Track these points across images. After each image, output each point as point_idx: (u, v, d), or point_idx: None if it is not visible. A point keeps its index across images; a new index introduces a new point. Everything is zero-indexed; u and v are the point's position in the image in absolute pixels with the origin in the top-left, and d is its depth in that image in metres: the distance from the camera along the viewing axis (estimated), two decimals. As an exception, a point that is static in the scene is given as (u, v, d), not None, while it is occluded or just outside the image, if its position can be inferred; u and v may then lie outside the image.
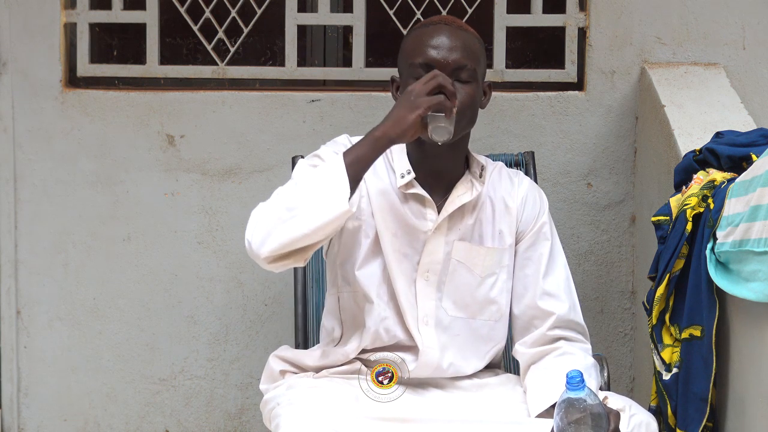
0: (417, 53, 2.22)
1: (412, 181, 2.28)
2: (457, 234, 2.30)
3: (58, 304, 3.35)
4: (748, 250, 2.07)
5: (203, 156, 3.31)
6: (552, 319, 2.29)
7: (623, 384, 3.33)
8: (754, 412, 2.16)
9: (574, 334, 2.30)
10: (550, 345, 2.29)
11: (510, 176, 2.40)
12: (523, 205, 2.36)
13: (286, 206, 2.07)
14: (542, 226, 2.36)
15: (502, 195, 2.35)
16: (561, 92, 3.29)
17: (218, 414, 3.39)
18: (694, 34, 3.26)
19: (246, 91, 3.32)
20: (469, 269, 2.30)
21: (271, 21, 3.40)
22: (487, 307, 2.32)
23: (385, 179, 2.30)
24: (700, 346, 2.29)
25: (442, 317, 2.29)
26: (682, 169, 2.53)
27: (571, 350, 2.26)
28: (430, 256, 2.28)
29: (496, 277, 2.32)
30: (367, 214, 2.28)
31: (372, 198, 2.29)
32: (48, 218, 3.33)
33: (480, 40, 2.31)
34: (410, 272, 2.28)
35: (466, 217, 2.31)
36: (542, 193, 2.42)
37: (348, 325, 2.33)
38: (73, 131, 3.31)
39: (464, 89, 2.22)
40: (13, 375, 3.37)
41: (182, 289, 3.34)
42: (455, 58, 2.21)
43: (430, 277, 2.28)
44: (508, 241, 2.34)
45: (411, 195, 2.29)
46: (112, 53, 3.58)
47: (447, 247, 2.29)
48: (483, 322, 2.32)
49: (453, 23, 2.27)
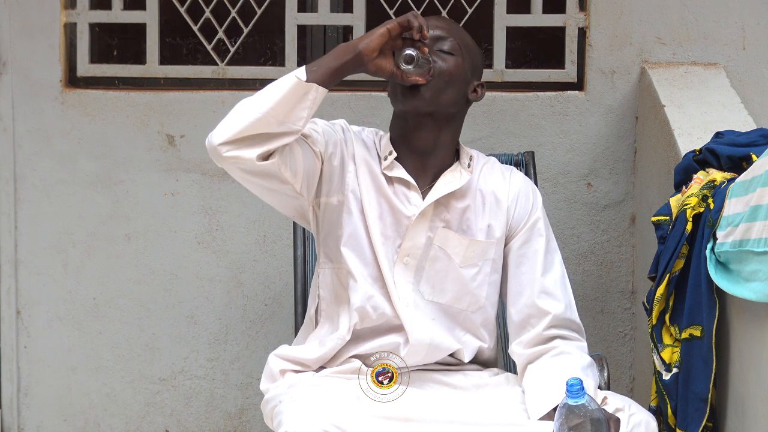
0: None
1: (394, 162, 2.30)
2: (443, 221, 2.31)
3: (58, 304, 3.35)
4: (748, 250, 2.07)
5: (203, 156, 3.30)
6: (548, 318, 2.29)
7: (623, 384, 3.33)
8: (754, 412, 2.16)
9: (570, 333, 2.31)
10: (546, 344, 2.29)
11: (502, 171, 2.40)
12: (515, 200, 2.36)
13: (243, 101, 2.14)
14: (536, 221, 2.36)
15: (493, 189, 2.36)
16: (561, 92, 3.29)
17: (218, 414, 3.39)
18: (694, 34, 3.27)
19: (246, 91, 3.30)
20: (449, 257, 2.31)
21: (271, 21, 3.40)
22: (464, 297, 2.33)
23: (373, 163, 2.32)
24: (700, 346, 2.29)
25: (418, 301, 2.30)
26: (682, 169, 2.53)
27: (568, 349, 2.26)
28: (411, 241, 2.30)
29: (478, 269, 2.32)
30: (354, 191, 2.30)
31: (360, 178, 2.31)
32: (48, 218, 3.33)
33: (473, 40, 2.34)
34: (391, 255, 2.30)
35: (454, 205, 2.32)
36: (536, 188, 2.42)
37: (328, 301, 2.34)
38: (73, 131, 3.32)
39: (446, 58, 2.27)
40: (13, 375, 3.37)
41: (182, 289, 3.34)
42: (439, 27, 2.28)
43: (409, 261, 2.30)
44: (496, 235, 2.33)
45: (396, 179, 2.31)
46: (112, 53, 3.58)
47: (430, 233, 2.30)
48: (459, 311, 2.33)
49: (442, 16, 2.33)
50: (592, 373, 2.24)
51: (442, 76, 2.25)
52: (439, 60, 2.25)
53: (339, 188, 2.30)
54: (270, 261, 3.30)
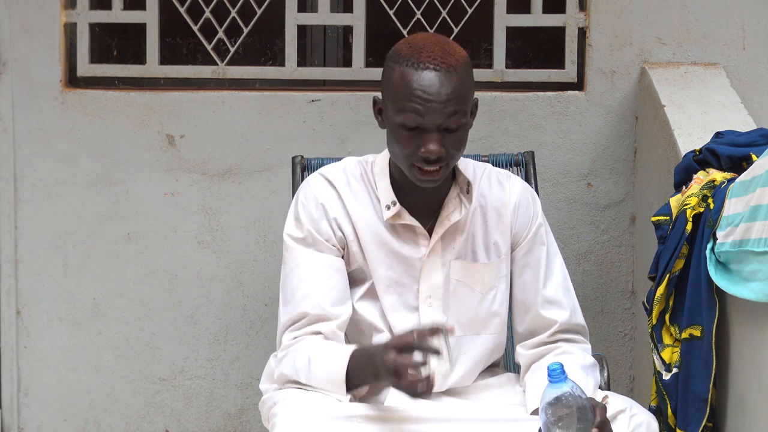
0: (403, 108, 2.10)
1: (399, 211, 2.22)
2: (453, 253, 2.25)
3: (58, 304, 3.35)
4: (748, 250, 2.07)
5: (203, 156, 3.31)
6: (554, 327, 2.27)
7: (623, 384, 3.32)
8: (754, 412, 2.16)
9: (574, 336, 2.29)
10: (550, 345, 2.28)
11: (500, 180, 2.31)
12: (516, 211, 2.29)
13: None
14: (538, 229, 2.30)
15: (493, 204, 2.28)
16: (561, 92, 3.29)
17: (218, 414, 3.39)
18: (694, 34, 3.26)
19: (246, 91, 3.32)
20: (470, 287, 2.26)
21: (271, 21, 3.40)
22: (491, 321, 2.29)
23: (370, 210, 2.24)
24: (700, 346, 2.29)
25: (450, 340, 2.27)
26: (682, 169, 2.53)
27: (571, 350, 2.25)
28: (428, 282, 2.24)
29: (497, 290, 2.28)
30: (360, 255, 2.24)
31: (361, 236, 2.23)
32: (48, 218, 3.33)
33: (467, 63, 2.15)
34: (412, 301, 2.24)
35: (459, 233, 2.25)
36: (535, 194, 2.35)
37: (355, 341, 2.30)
38: (73, 131, 3.31)
39: (454, 137, 2.12)
40: (13, 375, 3.37)
41: (182, 289, 3.34)
42: (444, 117, 2.09)
43: (433, 303, 2.24)
44: (503, 250, 2.28)
45: (400, 225, 2.23)
46: (112, 53, 3.58)
47: (444, 269, 2.24)
48: (488, 336, 2.29)
49: (442, 63, 2.10)
50: (593, 373, 2.24)
51: (454, 154, 2.13)
52: (448, 143, 2.10)
53: (350, 258, 2.25)
54: (270, 261, 3.30)
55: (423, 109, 2.08)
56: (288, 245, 2.24)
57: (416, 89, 2.08)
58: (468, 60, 2.15)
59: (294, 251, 2.23)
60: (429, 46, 2.13)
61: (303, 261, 2.21)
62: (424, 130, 2.09)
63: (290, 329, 2.21)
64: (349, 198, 2.24)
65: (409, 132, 2.10)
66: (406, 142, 2.11)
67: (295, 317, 2.21)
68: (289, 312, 2.22)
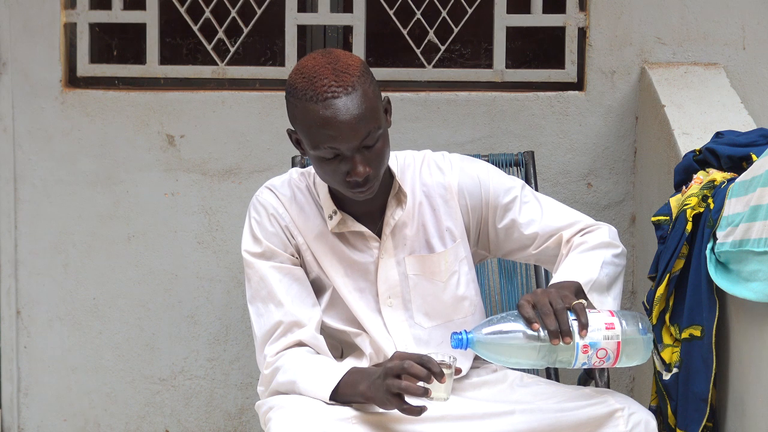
0: (317, 143, 2.08)
1: (343, 219, 2.24)
2: (406, 249, 2.27)
3: (58, 304, 3.35)
4: (748, 250, 2.07)
5: (203, 156, 3.31)
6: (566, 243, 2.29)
7: (623, 384, 3.33)
8: (754, 412, 2.16)
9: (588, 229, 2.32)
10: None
11: (438, 165, 2.31)
12: (461, 191, 2.30)
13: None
14: (495, 193, 2.29)
15: (437, 191, 2.29)
16: (561, 92, 3.29)
17: (218, 414, 3.39)
18: (694, 34, 3.27)
19: (246, 91, 3.32)
20: (429, 279, 2.28)
21: (271, 21, 3.40)
22: (459, 305, 2.30)
23: (318, 221, 2.26)
24: (700, 346, 2.29)
25: (420, 333, 2.27)
26: (682, 169, 2.53)
27: (585, 239, 2.27)
28: (385, 283, 2.26)
29: (458, 274, 2.30)
30: (315, 264, 2.27)
31: (312, 246, 2.26)
32: (48, 218, 3.33)
33: (363, 71, 2.09)
34: (373, 304, 2.27)
35: (407, 229, 2.27)
36: (473, 160, 2.34)
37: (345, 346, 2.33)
38: (73, 131, 3.32)
39: (375, 151, 2.10)
40: (13, 375, 3.37)
41: (182, 289, 3.34)
42: (359, 139, 2.07)
43: (393, 302, 2.27)
44: (457, 233, 2.29)
45: (348, 232, 2.26)
46: (112, 53, 3.58)
47: (400, 267, 2.27)
48: (462, 320, 2.31)
49: (339, 88, 2.05)
50: (596, 252, 2.24)
51: (378, 170, 2.12)
52: (372, 163, 2.10)
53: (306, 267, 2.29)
54: (270, 261, 3.30)
55: (336, 140, 2.06)
56: (249, 261, 2.28)
57: (323, 123, 2.06)
58: (363, 66, 2.11)
59: (256, 266, 2.27)
60: (321, 71, 2.07)
61: (266, 274, 2.25)
62: (345, 157, 2.09)
63: (269, 343, 2.23)
64: (294, 211, 2.27)
65: (331, 161, 2.11)
66: (332, 172, 2.12)
67: (271, 328, 2.23)
68: (263, 325, 2.25)
